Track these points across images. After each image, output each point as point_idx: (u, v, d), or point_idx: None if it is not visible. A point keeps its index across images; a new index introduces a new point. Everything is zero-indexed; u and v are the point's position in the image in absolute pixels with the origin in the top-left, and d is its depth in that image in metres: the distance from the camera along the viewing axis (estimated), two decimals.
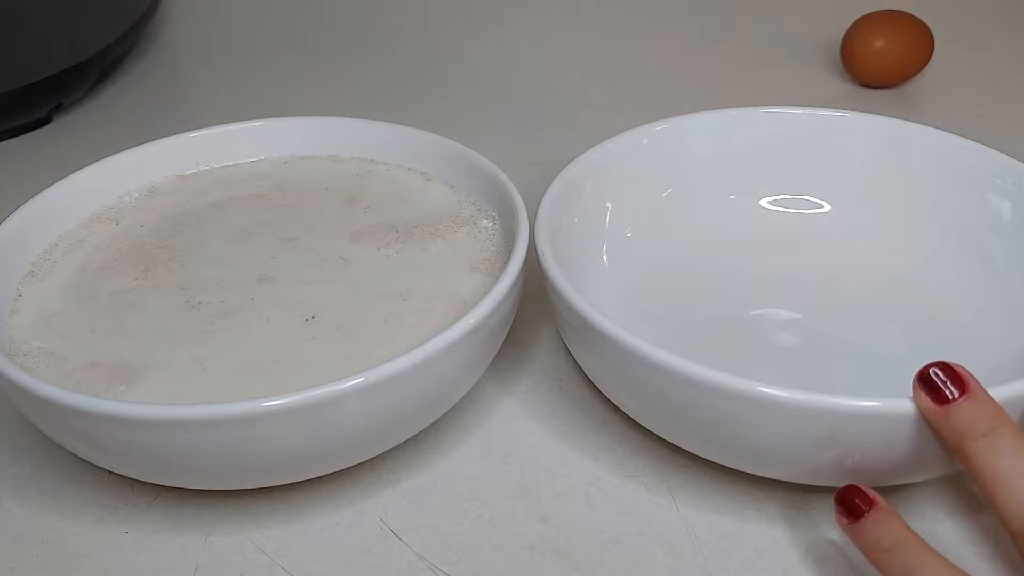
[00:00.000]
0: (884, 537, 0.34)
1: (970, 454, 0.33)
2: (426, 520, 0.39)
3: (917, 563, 0.33)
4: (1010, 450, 0.32)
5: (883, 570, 0.33)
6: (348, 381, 0.35)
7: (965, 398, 0.33)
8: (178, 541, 0.39)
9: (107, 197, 0.48)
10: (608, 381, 0.41)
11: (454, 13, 0.81)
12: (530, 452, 0.42)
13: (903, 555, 0.33)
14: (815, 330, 0.46)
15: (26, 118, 0.65)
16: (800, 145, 0.51)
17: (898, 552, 0.33)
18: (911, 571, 0.32)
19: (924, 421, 0.34)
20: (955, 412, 0.33)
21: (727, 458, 0.38)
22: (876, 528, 0.34)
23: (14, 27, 0.60)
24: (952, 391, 0.34)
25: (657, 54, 0.74)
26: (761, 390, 0.34)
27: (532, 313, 0.48)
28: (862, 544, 0.34)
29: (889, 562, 0.33)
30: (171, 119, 0.67)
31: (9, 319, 0.42)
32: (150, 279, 0.44)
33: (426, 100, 0.68)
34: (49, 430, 0.38)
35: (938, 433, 0.34)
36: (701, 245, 0.50)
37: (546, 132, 0.64)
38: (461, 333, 0.37)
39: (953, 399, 0.33)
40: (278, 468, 0.37)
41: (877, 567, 0.34)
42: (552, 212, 0.44)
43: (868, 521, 0.34)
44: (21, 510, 0.40)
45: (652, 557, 0.38)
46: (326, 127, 0.51)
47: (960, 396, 0.33)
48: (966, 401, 0.33)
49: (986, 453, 0.33)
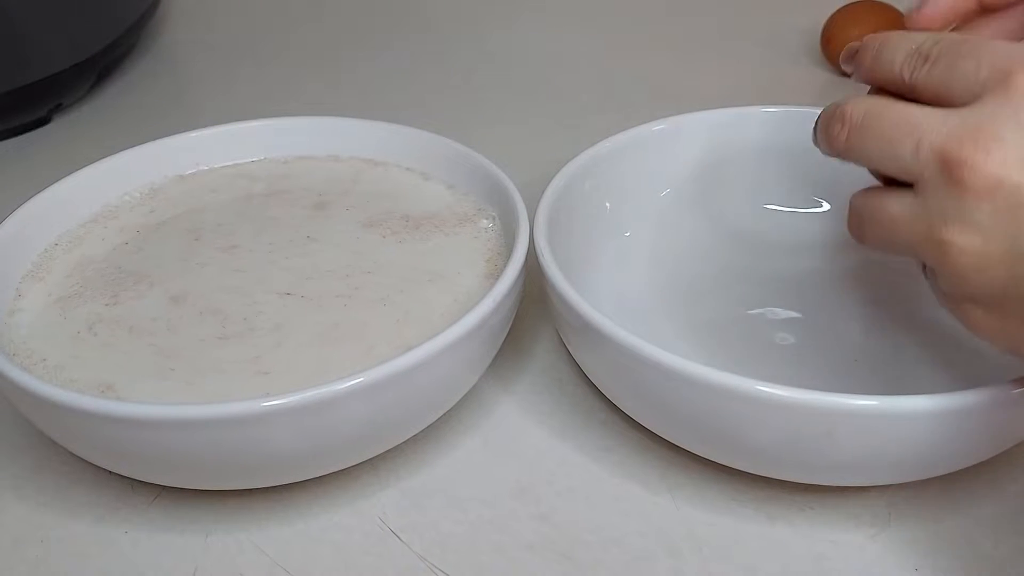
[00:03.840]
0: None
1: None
2: (426, 520, 0.39)
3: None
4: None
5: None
6: (348, 381, 0.35)
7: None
8: (178, 541, 0.39)
9: (107, 197, 0.48)
10: (608, 381, 0.41)
11: (454, 13, 0.81)
12: (530, 452, 0.42)
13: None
14: (814, 329, 0.46)
15: (26, 118, 0.65)
16: (800, 144, 0.50)
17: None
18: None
19: (924, 421, 0.34)
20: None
21: (727, 457, 0.38)
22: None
23: (14, 27, 0.60)
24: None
25: (655, 53, 0.74)
26: (760, 389, 0.34)
27: (532, 313, 0.48)
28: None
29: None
30: (171, 119, 0.67)
31: (9, 319, 0.42)
32: (147, 285, 0.44)
33: (426, 100, 0.68)
34: (49, 430, 0.38)
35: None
36: (700, 245, 0.50)
37: (546, 132, 0.64)
38: (461, 333, 0.37)
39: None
40: (278, 468, 0.37)
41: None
42: (552, 212, 0.44)
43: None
44: (21, 510, 0.40)
45: (652, 557, 0.38)
46: (326, 127, 0.51)
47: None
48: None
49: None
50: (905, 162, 0.32)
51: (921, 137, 0.31)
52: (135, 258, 0.45)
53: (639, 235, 0.50)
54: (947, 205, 0.31)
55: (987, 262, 0.30)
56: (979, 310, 0.32)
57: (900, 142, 0.32)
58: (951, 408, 0.34)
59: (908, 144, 0.32)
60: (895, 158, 0.32)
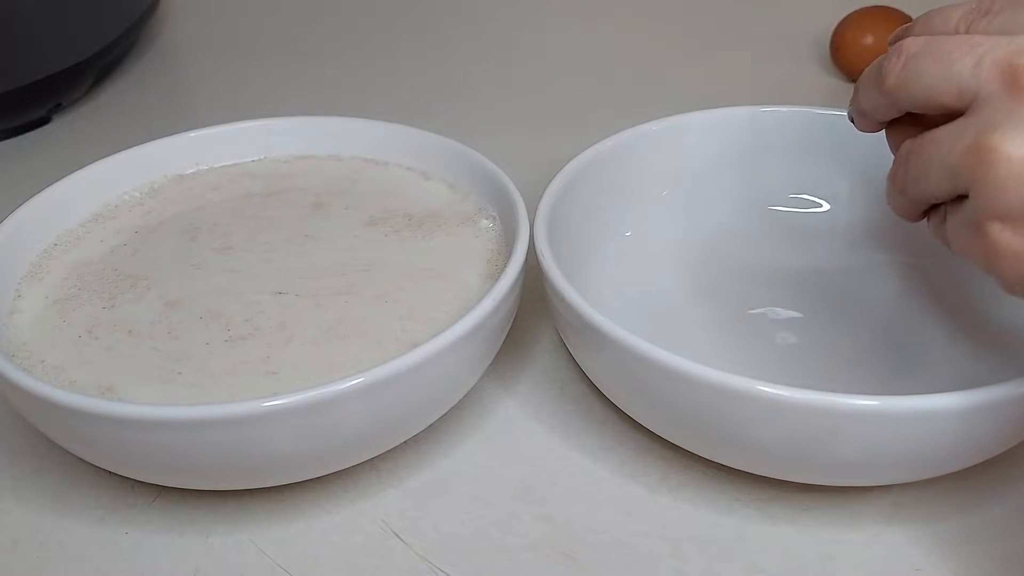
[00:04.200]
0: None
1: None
2: (427, 521, 0.39)
3: None
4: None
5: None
6: (348, 381, 0.35)
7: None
8: (178, 542, 0.39)
9: (107, 197, 0.48)
10: (608, 381, 0.40)
11: (454, 13, 0.81)
12: (531, 452, 0.42)
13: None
14: (815, 329, 0.46)
15: (25, 118, 0.65)
16: (800, 144, 0.50)
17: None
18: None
19: (926, 421, 0.34)
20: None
21: (728, 458, 0.38)
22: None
23: (13, 27, 0.60)
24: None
25: (655, 53, 0.74)
26: (762, 389, 0.34)
27: (532, 313, 0.48)
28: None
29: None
30: (171, 119, 0.67)
31: (9, 319, 0.42)
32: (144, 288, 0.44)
33: (426, 99, 0.68)
34: (49, 431, 0.38)
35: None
36: (701, 244, 0.50)
37: (546, 131, 0.64)
38: (461, 333, 0.37)
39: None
40: (278, 468, 0.37)
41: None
42: (552, 211, 0.44)
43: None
44: (21, 511, 0.40)
45: (655, 557, 0.37)
46: (326, 127, 0.51)
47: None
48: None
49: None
50: (963, 79, 0.31)
51: (984, 53, 0.31)
52: (132, 260, 0.45)
53: (639, 235, 0.50)
54: (1000, 115, 0.30)
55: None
56: (1007, 231, 0.31)
57: (961, 59, 0.32)
58: (954, 408, 0.33)
59: (969, 60, 0.31)
60: (953, 78, 0.32)
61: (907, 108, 0.35)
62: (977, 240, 0.32)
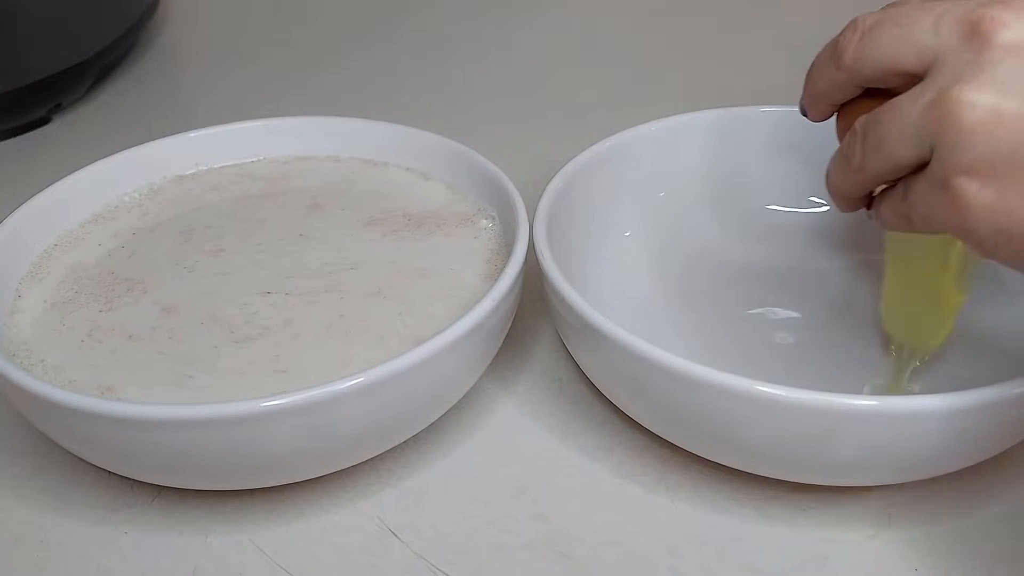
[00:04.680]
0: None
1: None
2: (426, 520, 0.39)
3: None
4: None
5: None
6: (348, 381, 0.35)
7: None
8: (177, 541, 0.39)
9: (106, 197, 0.48)
10: (607, 381, 0.41)
11: (454, 13, 0.81)
12: (529, 452, 0.42)
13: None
14: (814, 329, 0.46)
15: (25, 118, 0.65)
16: (800, 144, 0.51)
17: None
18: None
19: (924, 421, 0.34)
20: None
21: (726, 457, 0.38)
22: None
23: (14, 27, 0.60)
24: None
25: (655, 53, 0.74)
26: (760, 389, 0.34)
27: (532, 313, 0.48)
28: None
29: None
30: (170, 119, 0.67)
31: (9, 319, 0.42)
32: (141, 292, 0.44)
33: (425, 99, 0.68)
34: (49, 430, 0.38)
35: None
36: (700, 245, 0.50)
37: (545, 131, 0.64)
38: (461, 333, 0.37)
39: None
40: (278, 468, 0.37)
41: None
42: (551, 212, 0.44)
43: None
44: (21, 510, 0.40)
45: (651, 557, 0.38)
46: (325, 127, 0.51)
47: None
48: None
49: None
50: (922, 40, 0.31)
51: (942, 13, 0.31)
52: (128, 263, 0.45)
53: (639, 235, 0.50)
54: (963, 68, 0.30)
55: (999, 120, 0.29)
56: (974, 184, 0.30)
57: (919, 21, 0.31)
58: (951, 408, 0.33)
59: (928, 20, 0.31)
60: (912, 40, 0.32)
61: (866, 82, 0.34)
62: (944, 200, 0.31)
